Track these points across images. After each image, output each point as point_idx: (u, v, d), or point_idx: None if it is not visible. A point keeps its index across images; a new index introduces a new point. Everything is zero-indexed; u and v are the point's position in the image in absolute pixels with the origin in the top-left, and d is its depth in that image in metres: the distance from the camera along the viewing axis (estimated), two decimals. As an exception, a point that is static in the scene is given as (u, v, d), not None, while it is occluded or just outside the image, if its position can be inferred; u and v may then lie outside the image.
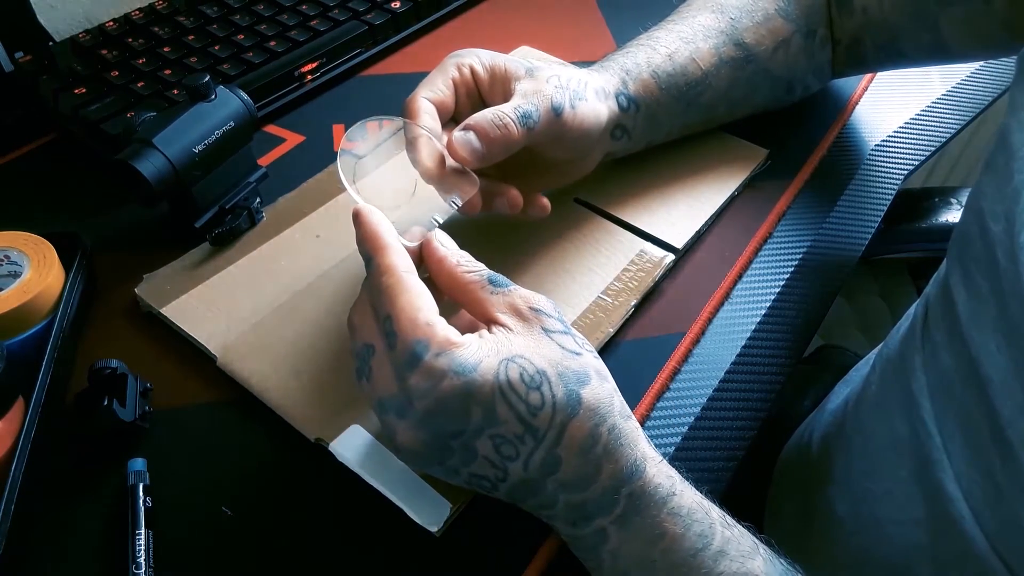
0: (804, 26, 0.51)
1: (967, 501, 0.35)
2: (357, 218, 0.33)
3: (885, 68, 0.58)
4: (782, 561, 0.32)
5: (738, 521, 0.32)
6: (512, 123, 0.38)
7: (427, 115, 0.39)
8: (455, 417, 0.29)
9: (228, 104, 0.44)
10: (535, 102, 0.40)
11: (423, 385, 0.29)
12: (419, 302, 0.30)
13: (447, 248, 0.33)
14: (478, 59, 0.42)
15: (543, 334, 0.31)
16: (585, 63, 0.49)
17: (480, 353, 0.29)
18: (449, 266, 0.33)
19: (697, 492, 0.32)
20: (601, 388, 0.31)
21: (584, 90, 0.43)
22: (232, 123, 0.44)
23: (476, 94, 0.42)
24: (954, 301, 0.36)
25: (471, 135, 0.38)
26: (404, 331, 0.29)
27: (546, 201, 0.43)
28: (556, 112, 0.40)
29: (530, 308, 0.31)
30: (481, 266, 0.33)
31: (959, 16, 0.47)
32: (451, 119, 0.41)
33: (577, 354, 0.31)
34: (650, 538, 0.30)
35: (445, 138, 0.39)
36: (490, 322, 0.31)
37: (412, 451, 0.30)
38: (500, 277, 0.33)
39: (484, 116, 0.38)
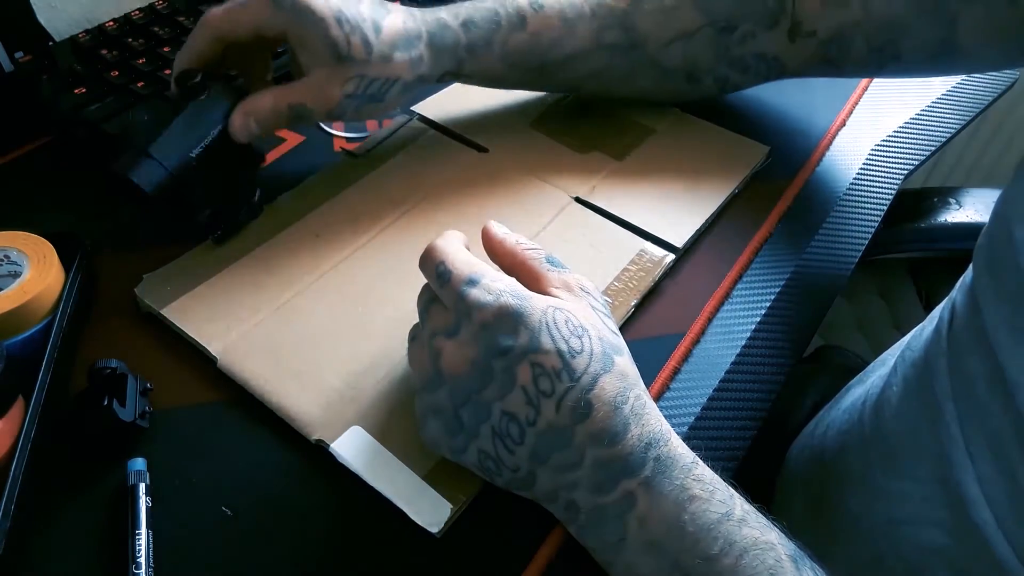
0: (722, 20, 0.49)
1: (990, 506, 0.35)
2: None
3: (868, 74, 0.55)
4: (794, 541, 0.32)
5: (749, 501, 0.33)
6: (285, 118, 0.44)
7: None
8: (507, 332, 0.31)
9: (222, 102, 0.44)
10: (316, 104, 0.44)
11: (483, 298, 0.31)
12: (469, 255, 0.34)
13: (506, 231, 0.37)
14: (231, 27, 0.43)
15: (590, 307, 0.33)
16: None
17: (531, 292, 0.32)
18: (511, 243, 0.36)
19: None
20: (631, 364, 0.33)
21: (384, 93, 0.45)
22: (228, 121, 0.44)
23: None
24: (980, 307, 0.36)
25: (251, 122, 0.43)
26: (459, 267, 0.33)
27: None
28: (331, 116, 0.45)
29: (580, 287, 0.34)
30: (539, 246, 0.36)
31: (981, 14, 0.46)
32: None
33: (616, 333, 0.34)
34: (679, 501, 0.30)
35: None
36: (543, 295, 0.33)
37: (456, 374, 0.32)
38: (557, 258, 0.35)
39: (263, 109, 0.43)
